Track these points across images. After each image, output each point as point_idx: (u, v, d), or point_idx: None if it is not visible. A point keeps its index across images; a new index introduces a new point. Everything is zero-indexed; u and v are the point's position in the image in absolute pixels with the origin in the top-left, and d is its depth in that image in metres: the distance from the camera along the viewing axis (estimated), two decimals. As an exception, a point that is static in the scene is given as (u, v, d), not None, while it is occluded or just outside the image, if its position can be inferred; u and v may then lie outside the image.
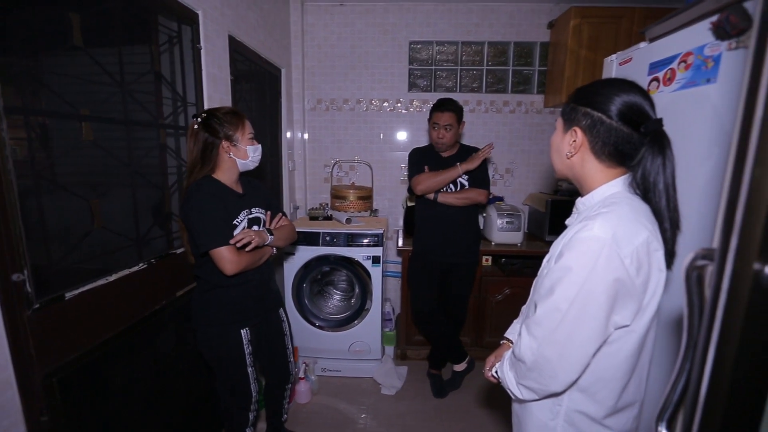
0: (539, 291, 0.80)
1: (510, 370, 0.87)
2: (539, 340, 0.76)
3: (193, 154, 1.25)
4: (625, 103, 0.75)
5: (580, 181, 0.84)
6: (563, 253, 0.74)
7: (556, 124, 0.87)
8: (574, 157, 0.82)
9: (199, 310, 1.33)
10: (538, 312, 0.77)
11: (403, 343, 2.53)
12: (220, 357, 1.36)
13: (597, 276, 0.69)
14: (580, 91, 0.82)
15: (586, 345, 0.73)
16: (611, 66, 1.26)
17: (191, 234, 1.23)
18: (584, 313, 0.71)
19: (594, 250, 0.70)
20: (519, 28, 2.67)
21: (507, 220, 2.41)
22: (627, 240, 0.69)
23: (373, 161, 2.85)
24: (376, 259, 2.24)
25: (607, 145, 0.77)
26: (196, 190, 1.21)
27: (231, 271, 1.20)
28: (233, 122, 1.25)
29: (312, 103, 2.81)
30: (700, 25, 0.90)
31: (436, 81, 2.79)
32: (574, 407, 0.81)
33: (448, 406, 2.09)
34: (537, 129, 2.80)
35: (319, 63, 2.75)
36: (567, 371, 0.75)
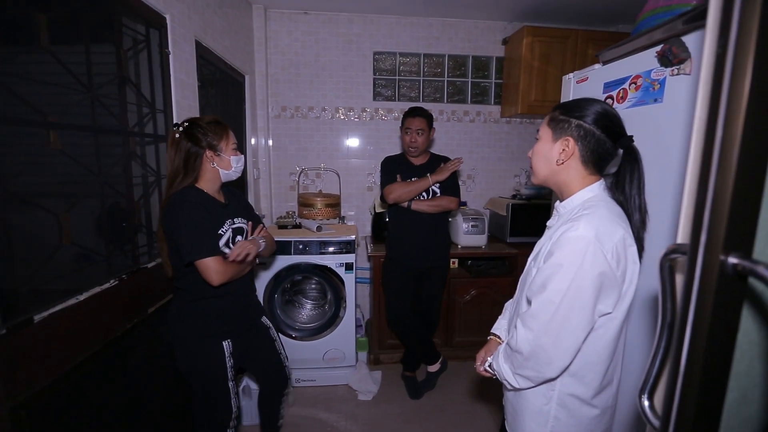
0: (531, 287, 0.88)
1: (505, 362, 0.94)
2: (535, 331, 0.84)
3: (175, 163, 1.21)
4: (610, 118, 0.87)
5: (562, 186, 0.94)
6: (553, 252, 0.83)
7: (541, 134, 0.96)
8: (562, 164, 0.91)
9: (179, 323, 1.28)
10: (533, 306, 0.85)
11: (376, 348, 2.55)
12: (200, 371, 1.30)
13: (585, 271, 0.78)
14: (568, 106, 0.92)
15: (577, 332, 0.82)
16: (569, 84, 1.40)
17: (175, 244, 1.18)
18: (575, 304, 0.80)
19: (581, 247, 0.79)
20: (476, 43, 2.84)
21: (472, 223, 2.54)
22: (607, 237, 0.79)
23: (339, 169, 2.87)
24: (349, 266, 2.26)
25: (593, 153, 0.88)
26: (181, 199, 1.18)
27: (217, 282, 1.17)
28: (217, 132, 1.24)
29: (276, 110, 2.77)
30: (646, 53, 1.05)
31: (400, 91, 2.87)
32: (565, 391, 0.90)
33: (425, 406, 2.14)
34: (495, 137, 2.99)
35: (283, 70, 2.73)
36: (561, 357, 0.83)
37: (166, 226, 1.20)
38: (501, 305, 2.58)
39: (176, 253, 1.20)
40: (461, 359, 2.62)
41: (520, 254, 2.54)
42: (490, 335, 1.19)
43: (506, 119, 2.96)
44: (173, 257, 1.23)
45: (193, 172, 1.22)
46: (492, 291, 2.56)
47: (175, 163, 1.21)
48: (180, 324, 1.28)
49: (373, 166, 2.91)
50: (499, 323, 1.19)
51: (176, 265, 1.24)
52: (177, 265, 1.23)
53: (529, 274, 0.95)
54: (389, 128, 2.88)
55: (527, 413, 0.96)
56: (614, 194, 0.89)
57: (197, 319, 1.27)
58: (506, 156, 3.02)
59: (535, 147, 0.98)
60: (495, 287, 2.55)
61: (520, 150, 3.02)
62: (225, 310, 1.30)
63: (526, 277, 0.98)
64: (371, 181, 2.93)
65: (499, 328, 1.18)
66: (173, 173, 1.22)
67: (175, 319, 1.29)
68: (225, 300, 1.29)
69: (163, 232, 1.23)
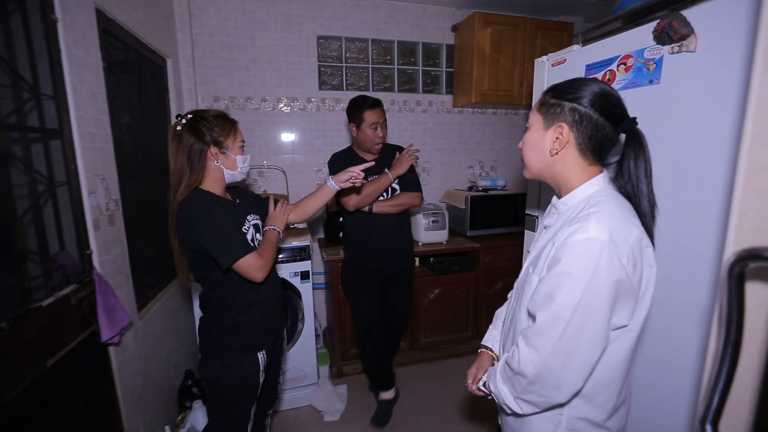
0: (534, 299, 0.75)
1: (504, 384, 0.81)
2: (541, 352, 0.71)
3: (177, 161, 1.12)
4: (608, 99, 0.75)
5: (559, 179, 0.82)
6: (560, 258, 0.70)
7: (531, 122, 0.84)
8: (557, 154, 0.79)
9: (212, 337, 1.21)
10: (538, 322, 0.72)
11: (339, 359, 2.35)
12: (230, 387, 1.21)
13: (599, 279, 0.66)
14: (560, 88, 0.79)
15: (590, 352, 0.70)
16: (543, 67, 1.31)
17: (200, 253, 1.12)
18: (587, 318, 0.68)
19: (594, 252, 0.67)
20: (425, 29, 2.71)
21: (432, 219, 2.43)
22: (622, 239, 0.68)
23: (285, 166, 2.59)
24: (305, 275, 2.02)
25: (592, 140, 0.76)
26: (196, 202, 1.10)
27: (262, 277, 1.13)
28: (224, 127, 1.16)
29: (207, 100, 2.40)
30: (635, 30, 0.97)
31: (348, 79, 2.66)
32: (575, 414, 0.78)
33: (398, 418, 1.99)
34: (448, 128, 2.90)
35: (213, 54, 2.37)
36: (572, 381, 0.71)
37: (185, 237, 1.11)
38: (465, 302, 2.58)
39: (201, 264, 1.14)
40: (429, 361, 2.52)
41: (483, 248, 2.48)
42: (480, 348, 1.07)
43: (458, 109, 2.88)
44: (200, 269, 1.16)
45: (198, 170, 1.13)
46: (455, 288, 2.48)
47: (177, 161, 1.12)
48: (214, 338, 1.21)
49: (321, 162, 2.67)
50: (490, 334, 1.07)
51: (204, 276, 1.17)
52: (206, 277, 1.17)
53: (528, 281, 0.82)
54: (338, 120, 2.66)
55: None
56: (620, 186, 0.79)
57: (232, 331, 1.20)
58: (460, 147, 2.96)
59: (526, 137, 0.85)
60: (458, 283, 2.48)
61: (473, 140, 2.98)
62: (259, 317, 1.24)
63: (524, 285, 0.85)
64: (321, 177, 2.69)
65: (491, 339, 1.05)
66: (177, 172, 1.13)
67: (207, 333, 1.23)
68: (258, 307, 1.23)
69: (179, 244, 1.15)
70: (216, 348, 1.21)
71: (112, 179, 1.41)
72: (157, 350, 1.74)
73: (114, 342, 1.29)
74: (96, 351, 1.27)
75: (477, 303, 2.55)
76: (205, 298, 1.24)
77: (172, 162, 1.14)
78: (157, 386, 1.72)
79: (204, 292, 1.23)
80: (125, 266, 1.49)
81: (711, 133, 0.82)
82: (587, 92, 0.75)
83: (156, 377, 1.69)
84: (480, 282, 2.52)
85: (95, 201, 1.30)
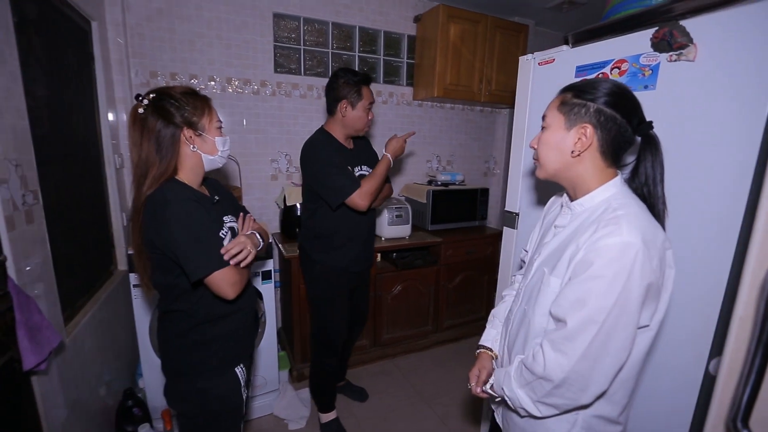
0: (560, 303, 0.74)
1: (520, 388, 0.80)
2: (570, 356, 0.70)
3: (143, 150, 0.95)
4: (632, 101, 0.75)
5: (577, 181, 0.81)
6: (592, 261, 0.69)
7: (549, 122, 0.81)
8: (578, 156, 0.78)
9: (179, 357, 1.04)
10: (570, 326, 0.70)
11: (299, 362, 2.22)
12: (211, 415, 1.06)
13: (633, 283, 0.67)
14: (581, 87, 0.78)
15: (619, 355, 0.71)
16: (529, 66, 1.31)
17: (167, 257, 0.95)
18: (619, 322, 0.68)
19: (629, 256, 0.66)
20: (388, 17, 2.63)
21: (396, 213, 2.38)
22: (652, 242, 0.69)
23: (236, 154, 2.35)
24: (267, 275, 1.85)
25: (614, 142, 0.76)
26: (170, 197, 0.92)
27: (234, 295, 0.97)
28: (197, 105, 0.99)
29: (144, 76, 2.07)
30: (631, 36, 1.00)
31: (306, 63, 2.48)
32: (592, 413, 0.79)
33: (366, 419, 1.94)
34: (408, 121, 2.86)
35: (150, 22, 2.04)
36: (599, 383, 0.72)
37: (152, 237, 0.94)
38: (426, 296, 2.59)
39: (165, 267, 0.97)
40: (391, 357, 2.49)
41: (444, 242, 2.50)
42: (478, 348, 1.05)
43: (418, 102, 2.86)
44: (164, 273, 0.99)
45: (170, 158, 0.96)
46: (418, 283, 2.47)
47: (143, 150, 0.95)
48: (180, 358, 1.04)
49: (277, 152, 2.47)
50: (488, 334, 1.05)
51: (167, 283, 1.00)
52: (169, 283, 1.00)
53: (545, 283, 0.81)
54: (295, 107, 2.47)
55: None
56: (635, 188, 0.80)
57: (203, 348, 1.04)
58: (419, 140, 2.94)
59: (542, 136, 0.83)
60: (420, 278, 2.48)
61: (431, 134, 2.98)
62: (234, 330, 1.09)
63: (539, 286, 0.83)
64: (275, 168, 2.50)
65: (489, 339, 1.04)
66: (143, 163, 0.95)
67: (170, 352, 1.05)
68: (234, 318, 1.07)
69: (142, 245, 0.98)
70: (185, 370, 1.04)
71: (29, 166, 1.13)
72: (89, 370, 1.47)
73: (40, 369, 1.04)
74: (15, 382, 1.02)
75: (437, 297, 2.58)
76: (165, 309, 1.04)
77: (135, 152, 0.96)
78: (89, 413, 1.45)
79: (164, 302, 1.04)
80: (49, 273, 1.22)
81: (707, 140, 0.87)
82: (610, 93, 0.74)
83: (86, 401, 1.43)
84: (441, 276, 2.55)
85: (8, 193, 1.03)
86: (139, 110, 0.95)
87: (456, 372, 2.37)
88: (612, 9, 1.11)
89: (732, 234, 0.83)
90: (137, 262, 1.03)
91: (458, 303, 2.69)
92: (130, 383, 1.89)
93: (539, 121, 0.85)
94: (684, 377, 0.93)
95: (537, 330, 0.82)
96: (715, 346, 0.87)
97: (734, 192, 0.83)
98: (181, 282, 0.99)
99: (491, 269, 2.78)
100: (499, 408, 0.99)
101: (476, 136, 3.19)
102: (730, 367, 0.67)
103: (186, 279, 0.97)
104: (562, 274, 0.77)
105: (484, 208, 2.80)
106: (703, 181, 0.88)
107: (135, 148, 0.96)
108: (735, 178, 0.83)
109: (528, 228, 1.40)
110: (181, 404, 1.06)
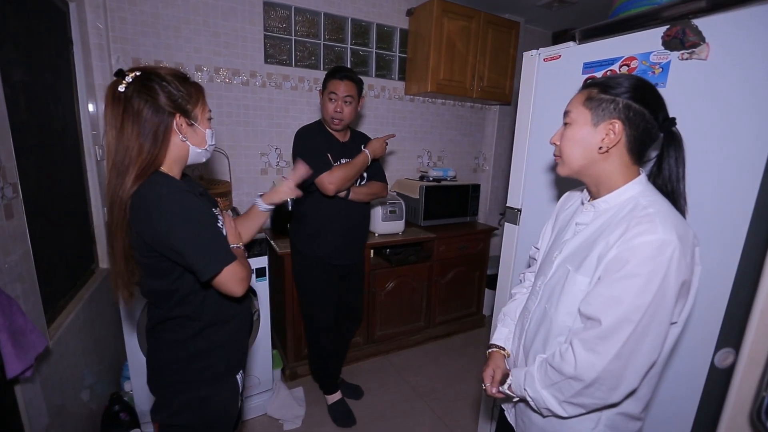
0: (590, 302, 0.73)
1: (545, 389, 0.79)
2: (603, 356, 0.69)
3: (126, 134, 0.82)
4: (657, 97, 0.75)
5: (602, 177, 0.80)
6: (627, 259, 0.68)
7: (574, 117, 0.80)
8: (606, 152, 0.77)
9: (183, 365, 0.95)
10: (604, 325, 0.69)
11: (293, 360, 2.17)
12: (204, 424, 0.98)
13: (669, 281, 0.67)
14: (607, 83, 0.77)
15: (652, 352, 0.71)
16: (533, 62, 1.31)
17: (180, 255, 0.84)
18: (654, 320, 0.68)
19: (666, 254, 0.66)
20: (381, 9, 2.58)
21: (390, 209, 2.36)
22: (686, 239, 0.69)
23: (225, 147, 2.26)
24: (261, 272, 1.80)
25: (640, 139, 0.75)
26: (167, 191, 0.83)
27: (242, 292, 0.90)
28: (190, 92, 0.90)
29: (125, 62, 1.96)
30: (641, 34, 1.00)
31: (297, 54, 2.41)
32: (616, 411, 0.79)
33: (362, 417, 1.91)
34: (399, 116, 2.84)
35: (132, 6, 1.93)
36: (630, 382, 0.71)
37: (149, 236, 0.84)
38: (419, 292, 2.58)
39: (162, 271, 0.88)
40: (384, 353, 2.48)
41: (438, 238, 2.50)
42: (490, 347, 1.03)
43: (410, 97, 2.83)
44: (160, 277, 0.89)
45: (162, 148, 0.86)
46: (411, 279, 2.46)
47: (124, 135, 0.82)
48: (181, 368, 0.94)
49: (266, 145, 2.40)
50: (500, 332, 1.04)
51: (165, 288, 0.90)
52: (167, 289, 0.90)
53: (569, 281, 0.80)
54: (285, 99, 2.40)
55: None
56: (659, 185, 0.79)
57: (206, 356, 0.96)
58: (410, 136, 2.92)
59: (567, 132, 0.82)
60: (413, 274, 2.47)
61: (422, 130, 2.96)
62: (236, 334, 1.02)
63: (562, 284, 0.81)
64: (265, 162, 2.42)
65: (501, 338, 1.03)
66: (124, 150, 0.82)
67: (169, 364, 0.95)
68: (236, 321, 1.01)
69: (129, 248, 0.88)
70: (189, 379, 0.95)
71: (7, 156, 1.05)
72: (73, 375, 1.39)
73: (26, 376, 0.97)
74: (-3, 390, 0.94)
75: (430, 293, 2.58)
76: (163, 318, 0.93)
77: (112, 134, 0.83)
78: (74, 419, 1.37)
79: (161, 309, 0.93)
80: (30, 271, 1.13)
81: (718, 137, 0.89)
82: (638, 88, 0.74)
83: (70, 408, 1.35)
84: (434, 272, 2.55)
85: (-15, 186, 0.94)
86: (119, 87, 0.83)
87: (449, 367, 2.38)
88: (620, 6, 1.11)
89: (741, 231, 0.85)
90: (121, 268, 0.89)
91: (450, 299, 2.70)
92: (115, 387, 1.80)
93: (543, 117, 0.84)
94: (690, 369, 0.96)
95: (560, 328, 0.81)
96: (722, 339, 0.89)
97: (744, 189, 0.85)
98: (181, 286, 0.90)
99: (483, 265, 2.80)
100: (511, 407, 0.99)
101: (466, 132, 3.19)
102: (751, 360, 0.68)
103: (186, 282, 0.91)
104: (590, 273, 0.76)
105: (475, 204, 2.81)
106: (712, 178, 0.90)
107: (112, 130, 0.83)
108: (745, 176, 0.85)
109: (530, 224, 1.40)
110: (182, 418, 0.96)
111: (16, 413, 1.01)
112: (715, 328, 0.90)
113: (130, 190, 0.82)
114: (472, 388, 2.18)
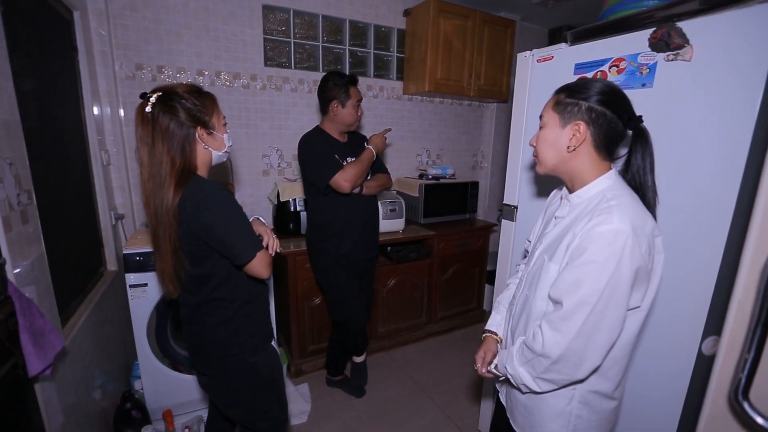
0: (558, 286, 0.80)
1: (522, 366, 0.86)
2: (565, 334, 0.77)
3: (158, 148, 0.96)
4: (620, 98, 0.81)
5: (573, 174, 0.87)
6: (586, 247, 0.75)
7: (546, 121, 0.87)
8: (574, 150, 0.83)
9: (228, 339, 1.10)
10: (565, 307, 0.77)
11: (298, 357, 2.22)
12: (265, 380, 1.15)
13: (623, 267, 0.73)
14: (573, 88, 0.83)
15: (611, 332, 0.77)
16: (527, 62, 1.35)
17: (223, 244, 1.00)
18: (610, 303, 0.75)
19: (620, 242, 0.72)
20: (378, 10, 2.62)
21: (390, 207, 2.40)
22: (641, 229, 0.75)
23: (227, 149, 2.30)
24: (266, 271, 1.84)
25: (606, 137, 0.81)
26: (210, 189, 0.98)
27: (269, 274, 1.06)
28: (205, 104, 1.02)
29: (129, 68, 1.99)
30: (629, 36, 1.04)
31: (296, 57, 2.44)
32: (588, 388, 0.86)
33: (367, 411, 1.96)
34: (398, 115, 2.87)
35: (134, 12, 1.96)
36: (593, 359, 0.78)
37: (199, 230, 0.98)
38: (420, 289, 2.63)
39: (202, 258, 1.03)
40: (386, 349, 2.53)
41: (438, 235, 2.54)
42: (485, 333, 1.11)
43: (408, 96, 2.87)
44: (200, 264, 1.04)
45: (191, 156, 1.01)
46: (412, 276, 2.51)
47: (156, 150, 0.96)
48: (228, 339, 1.09)
49: (268, 147, 2.44)
50: (494, 319, 1.11)
51: (205, 273, 1.05)
52: (206, 274, 1.05)
53: (544, 270, 0.87)
54: (286, 101, 2.44)
55: (547, 416, 0.90)
56: (628, 180, 0.85)
57: (247, 328, 1.12)
58: (408, 135, 2.96)
59: (540, 134, 0.89)
60: (414, 271, 2.51)
61: (421, 128, 3.00)
62: (264, 308, 1.19)
63: (539, 273, 0.89)
64: (266, 164, 2.47)
65: (494, 324, 1.10)
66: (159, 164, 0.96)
67: (218, 337, 1.09)
68: (263, 297, 1.18)
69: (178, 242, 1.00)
70: (235, 351, 1.11)
71: (22, 164, 1.09)
72: (87, 374, 1.44)
73: (46, 375, 1.01)
74: (19, 389, 0.98)
75: (430, 290, 2.62)
76: (203, 300, 1.08)
77: (145, 151, 0.97)
78: (87, 417, 1.42)
79: (200, 294, 1.07)
80: (45, 274, 1.18)
81: (702, 135, 0.93)
82: (601, 92, 0.80)
83: (84, 406, 1.39)
84: (434, 269, 2.59)
85: (3, 193, 0.99)
86: (146, 108, 0.96)
87: (451, 362, 2.43)
88: (609, 9, 1.15)
89: (724, 224, 0.89)
90: (169, 264, 1.02)
91: (451, 295, 2.74)
92: (125, 385, 1.85)
93: (537, 116, 0.90)
94: (678, 357, 1.00)
95: (537, 313, 0.88)
96: (708, 328, 0.94)
97: (726, 184, 0.89)
98: (218, 270, 1.05)
99: (482, 261, 2.85)
100: (503, 388, 1.05)
101: (464, 130, 3.23)
102: (730, 346, 0.73)
103: (222, 266, 1.05)
104: (560, 261, 0.82)
105: (474, 202, 2.85)
106: (696, 173, 0.94)
107: (144, 147, 0.97)
108: (727, 171, 0.89)
109: (527, 220, 1.45)
110: (241, 382, 1.12)
111: (37, 411, 1.06)
112: (702, 318, 0.95)
113: (174, 198, 0.96)
114: (473, 381, 2.23)
